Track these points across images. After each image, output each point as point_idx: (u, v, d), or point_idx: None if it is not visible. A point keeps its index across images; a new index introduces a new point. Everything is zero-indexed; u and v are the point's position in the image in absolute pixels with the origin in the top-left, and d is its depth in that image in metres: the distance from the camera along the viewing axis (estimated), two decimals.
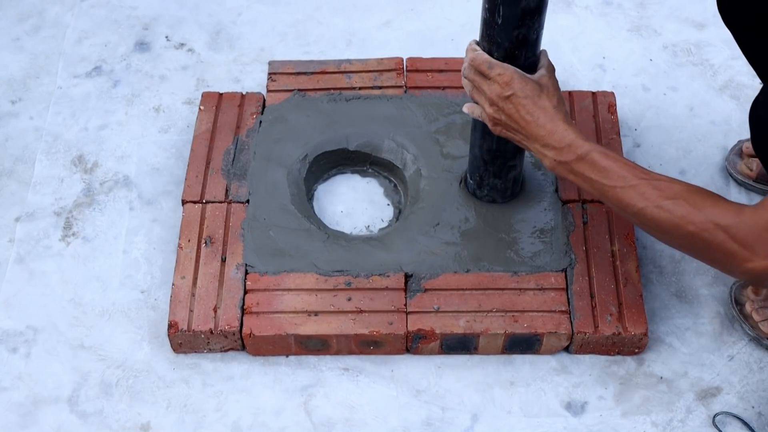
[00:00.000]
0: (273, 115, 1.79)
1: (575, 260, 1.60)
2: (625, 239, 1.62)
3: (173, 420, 1.52)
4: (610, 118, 1.77)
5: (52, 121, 1.88)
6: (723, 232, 1.21)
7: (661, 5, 2.06)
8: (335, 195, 1.77)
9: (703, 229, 1.23)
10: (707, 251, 1.24)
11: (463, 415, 1.52)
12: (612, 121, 1.77)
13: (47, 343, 1.60)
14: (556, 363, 1.57)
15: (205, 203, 1.68)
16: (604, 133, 1.75)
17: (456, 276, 1.59)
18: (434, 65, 1.85)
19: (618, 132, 1.75)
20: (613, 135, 1.75)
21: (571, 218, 1.64)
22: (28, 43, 2.01)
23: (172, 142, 1.85)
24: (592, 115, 1.78)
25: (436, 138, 1.75)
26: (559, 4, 2.06)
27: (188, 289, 1.58)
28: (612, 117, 1.77)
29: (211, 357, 1.58)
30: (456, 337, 1.54)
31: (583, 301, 1.55)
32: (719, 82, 1.93)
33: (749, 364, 1.57)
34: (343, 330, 1.53)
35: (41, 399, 1.54)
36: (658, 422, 1.51)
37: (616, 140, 1.74)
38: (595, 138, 1.74)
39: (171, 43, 2.01)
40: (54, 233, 1.72)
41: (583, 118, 1.77)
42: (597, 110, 1.78)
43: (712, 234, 1.22)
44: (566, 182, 1.67)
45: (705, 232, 1.22)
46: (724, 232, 1.21)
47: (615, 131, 1.75)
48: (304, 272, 1.59)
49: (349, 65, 1.86)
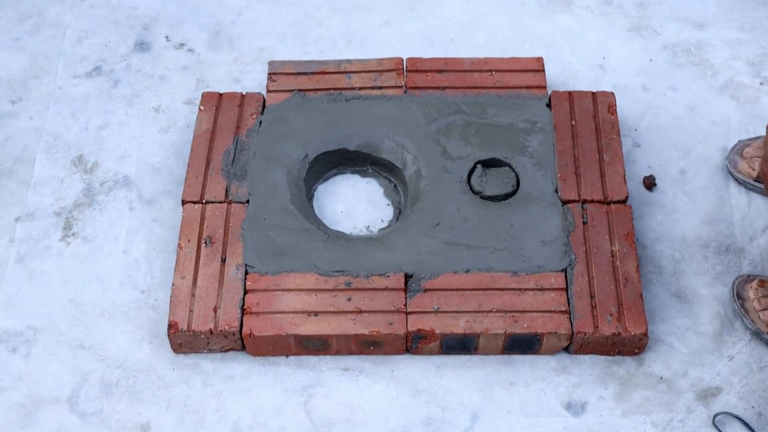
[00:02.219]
0: (273, 115, 1.79)
1: (575, 260, 1.60)
2: (625, 239, 1.62)
3: (173, 420, 1.52)
4: (610, 118, 1.77)
5: (52, 121, 1.88)
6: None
7: (661, 5, 2.06)
8: (335, 195, 1.77)
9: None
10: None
11: (463, 415, 1.52)
12: (612, 121, 1.77)
13: (47, 343, 1.60)
14: (556, 363, 1.57)
15: (205, 203, 1.68)
16: (604, 133, 1.75)
17: (456, 276, 1.59)
18: (434, 65, 1.85)
19: (618, 132, 1.75)
20: (613, 135, 1.75)
21: (571, 218, 1.64)
22: (28, 43, 2.01)
23: (172, 142, 1.85)
24: (592, 115, 1.78)
25: (436, 138, 1.75)
26: (559, 4, 2.06)
27: (188, 289, 1.58)
28: (612, 117, 1.77)
29: (211, 357, 1.58)
30: (456, 337, 1.54)
31: (583, 301, 1.55)
32: (719, 82, 1.92)
33: (749, 364, 1.57)
34: (343, 330, 1.53)
35: (41, 399, 1.54)
36: (658, 422, 1.51)
37: (616, 140, 1.74)
38: (595, 138, 1.74)
39: (171, 43, 2.01)
40: (54, 233, 1.72)
41: (583, 118, 1.77)
42: (597, 110, 1.78)
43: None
44: (566, 182, 1.68)
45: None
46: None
47: (615, 131, 1.75)
48: (304, 272, 1.59)
49: (349, 65, 1.86)
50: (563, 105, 1.79)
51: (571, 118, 1.77)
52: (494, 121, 1.77)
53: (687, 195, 1.75)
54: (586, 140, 1.74)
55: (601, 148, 1.73)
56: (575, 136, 1.75)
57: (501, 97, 1.80)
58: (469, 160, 1.72)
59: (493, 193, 1.68)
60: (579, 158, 1.72)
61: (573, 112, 1.78)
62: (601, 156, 1.72)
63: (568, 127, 1.76)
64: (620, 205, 1.66)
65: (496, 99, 1.80)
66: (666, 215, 1.73)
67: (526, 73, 1.84)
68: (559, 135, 1.75)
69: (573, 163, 1.72)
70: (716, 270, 1.67)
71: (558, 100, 1.79)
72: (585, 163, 1.71)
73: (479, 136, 1.75)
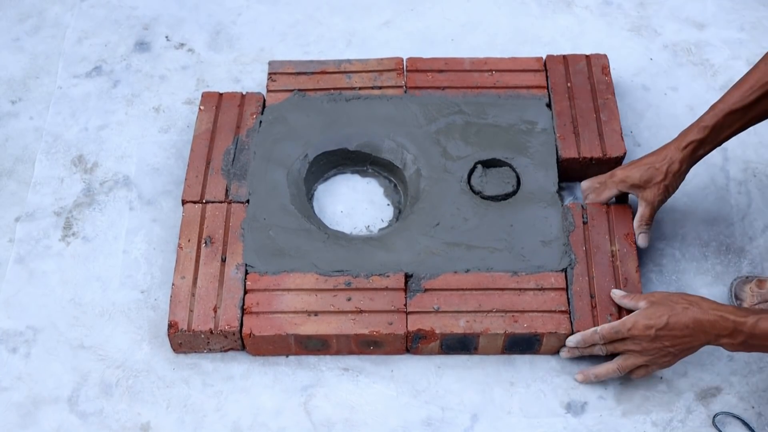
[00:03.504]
0: (273, 115, 1.79)
1: (575, 260, 1.60)
2: (625, 239, 1.62)
3: (173, 420, 1.52)
4: (604, 79, 1.82)
5: (52, 121, 1.88)
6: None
7: (661, 5, 2.06)
8: (335, 195, 1.77)
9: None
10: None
11: (463, 415, 1.52)
12: (606, 81, 1.81)
13: (47, 343, 1.60)
14: (556, 363, 1.57)
15: (205, 203, 1.68)
16: (599, 93, 1.80)
17: (456, 276, 1.59)
18: (434, 65, 1.85)
19: (613, 92, 1.80)
20: (608, 95, 1.79)
21: (571, 218, 1.64)
22: (28, 43, 2.01)
23: (172, 142, 1.85)
24: (587, 77, 1.82)
25: (436, 138, 1.75)
26: (559, 4, 2.06)
27: (188, 289, 1.58)
28: (606, 78, 1.82)
29: (211, 357, 1.58)
30: (456, 337, 1.54)
31: (583, 301, 1.55)
32: (719, 82, 1.92)
33: (749, 364, 1.57)
34: (343, 330, 1.53)
35: (41, 399, 1.54)
36: (658, 422, 1.51)
37: (611, 100, 1.79)
38: (591, 98, 1.78)
39: (171, 43, 2.01)
40: (54, 233, 1.72)
41: (578, 80, 1.81)
42: (591, 72, 1.83)
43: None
44: (566, 141, 1.73)
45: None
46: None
47: (610, 92, 1.80)
48: (304, 272, 1.59)
49: (349, 65, 1.86)
50: (558, 68, 1.83)
51: (567, 81, 1.81)
52: (494, 121, 1.77)
53: (687, 195, 1.75)
54: (582, 101, 1.79)
55: (598, 108, 1.77)
56: (572, 98, 1.79)
57: (501, 97, 1.80)
58: (469, 160, 1.72)
59: (493, 193, 1.68)
60: (577, 118, 1.76)
61: (568, 74, 1.82)
62: (598, 115, 1.76)
63: (565, 90, 1.80)
64: (620, 205, 1.66)
65: (497, 99, 1.80)
66: (666, 214, 1.73)
67: (526, 73, 1.84)
68: (555, 97, 1.79)
69: (571, 123, 1.76)
70: (716, 270, 1.67)
71: (553, 64, 1.84)
72: (583, 122, 1.75)
73: (479, 136, 1.75)
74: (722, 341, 1.39)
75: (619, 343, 1.46)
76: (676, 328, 1.40)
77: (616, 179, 1.62)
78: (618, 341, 1.46)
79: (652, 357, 1.44)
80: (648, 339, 1.42)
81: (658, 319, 1.41)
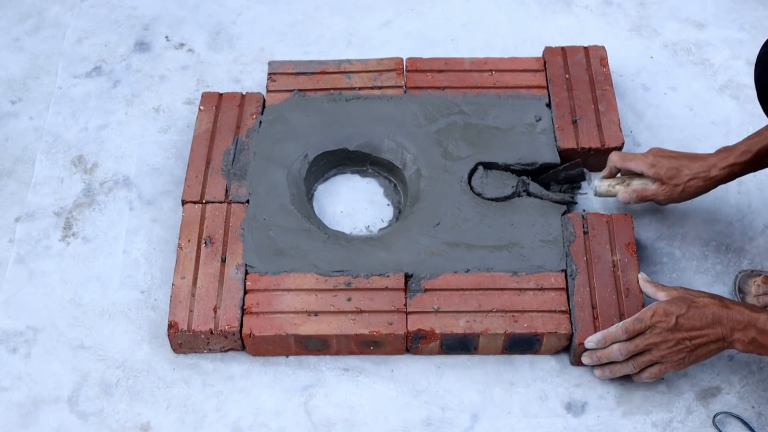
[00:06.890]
0: (273, 115, 1.79)
1: (576, 270, 1.58)
2: (626, 249, 1.61)
3: (173, 420, 1.52)
4: (602, 70, 1.83)
5: (52, 121, 1.88)
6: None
7: (661, 5, 2.06)
8: (335, 195, 1.77)
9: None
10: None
11: (463, 415, 1.52)
12: (604, 73, 1.82)
13: (47, 343, 1.60)
14: (556, 363, 1.57)
15: (205, 203, 1.68)
16: (597, 84, 1.81)
17: (456, 276, 1.59)
18: (434, 65, 1.85)
19: (611, 83, 1.81)
20: (606, 86, 1.80)
21: (572, 228, 1.63)
22: (28, 43, 2.01)
23: (172, 142, 1.85)
24: (585, 68, 1.83)
25: (436, 138, 1.75)
26: (559, 4, 2.06)
27: (188, 290, 1.58)
28: (604, 69, 1.83)
29: (211, 357, 1.58)
30: (456, 337, 1.54)
31: (585, 312, 1.54)
32: (719, 82, 1.93)
33: (749, 364, 1.57)
34: (343, 330, 1.53)
35: (41, 399, 1.54)
36: (658, 422, 1.51)
37: (609, 91, 1.80)
38: (590, 89, 1.79)
39: (171, 43, 2.01)
40: (54, 233, 1.72)
41: (576, 72, 1.82)
42: (589, 63, 1.84)
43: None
44: (564, 132, 1.74)
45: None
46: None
47: (608, 83, 1.81)
48: (304, 272, 1.59)
49: (349, 65, 1.86)
50: (557, 60, 1.84)
51: (565, 72, 1.82)
52: (494, 122, 1.77)
53: None
54: (581, 92, 1.80)
55: (596, 99, 1.78)
56: (570, 89, 1.80)
57: (501, 97, 1.80)
58: (469, 160, 1.72)
59: (493, 195, 1.68)
60: (575, 109, 1.77)
61: (567, 66, 1.83)
62: (596, 106, 1.77)
63: (563, 81, 1.81)
64: (621, 214, 1.65)
65: (497, 99, 1.80)
66: (666, 214, 1.73)
67: (526, 73, 1.84)
68: (554, 88, 1.80)
69: (570, 113, 1.76)
70: (716, 269, 1.67)
71: (551, 56, 1.85)
72: (581, 113, 1.76)
73: (479, 137, 1.75)
74: (735, 336, 1.40)
75: (639, 338, 1.46)
76: (695, 317, 1.41)
77: (648, 161, 1.60)
78: (639, 336, 1.46)
79: (668, 352, 1.44)
80: (668, 327, 1.42)
81: (680, 308, 1.43)
